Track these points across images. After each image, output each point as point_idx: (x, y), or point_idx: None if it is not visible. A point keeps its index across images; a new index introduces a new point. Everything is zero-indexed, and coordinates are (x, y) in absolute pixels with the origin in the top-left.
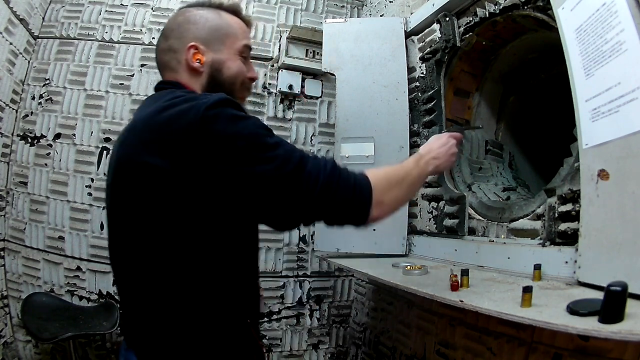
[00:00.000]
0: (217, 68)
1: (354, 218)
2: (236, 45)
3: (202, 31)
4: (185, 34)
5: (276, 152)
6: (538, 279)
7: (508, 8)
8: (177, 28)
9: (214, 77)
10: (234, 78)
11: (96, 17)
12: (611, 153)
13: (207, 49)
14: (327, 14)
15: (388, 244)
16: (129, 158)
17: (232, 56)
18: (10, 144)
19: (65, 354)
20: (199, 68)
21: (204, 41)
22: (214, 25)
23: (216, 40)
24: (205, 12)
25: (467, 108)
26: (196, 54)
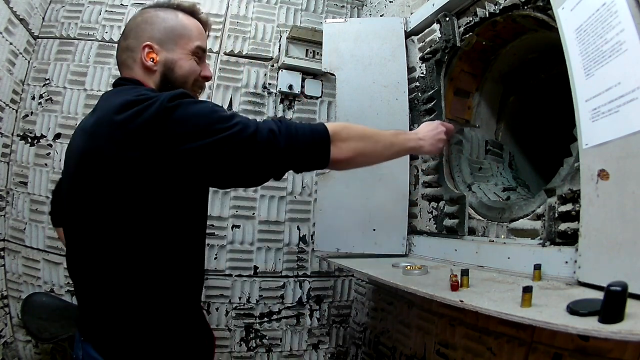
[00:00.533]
0: (169, 67)
1: (317, 159)
2: (189, 46)
3: (157, 31)
4: (142, 34)
5: (235, 120)
6: (538, 279)
7: (508, 8)
8: (135, 28)
9: (166, 75)
10: (185, 77)
11: (96, 17)
12: (611, 153)
13: (160, 48)
14: (327, 14)
15: (388, 244)
16: (97, 150)
17: (185, 56)
18: (10, 144)
19: (65, 354)
20: (152, 67)
21: (158, 41)
22: (169, 26)
23: (170, 40)
24: (163, 13)
25: (467, 108)
26: (150, 53)
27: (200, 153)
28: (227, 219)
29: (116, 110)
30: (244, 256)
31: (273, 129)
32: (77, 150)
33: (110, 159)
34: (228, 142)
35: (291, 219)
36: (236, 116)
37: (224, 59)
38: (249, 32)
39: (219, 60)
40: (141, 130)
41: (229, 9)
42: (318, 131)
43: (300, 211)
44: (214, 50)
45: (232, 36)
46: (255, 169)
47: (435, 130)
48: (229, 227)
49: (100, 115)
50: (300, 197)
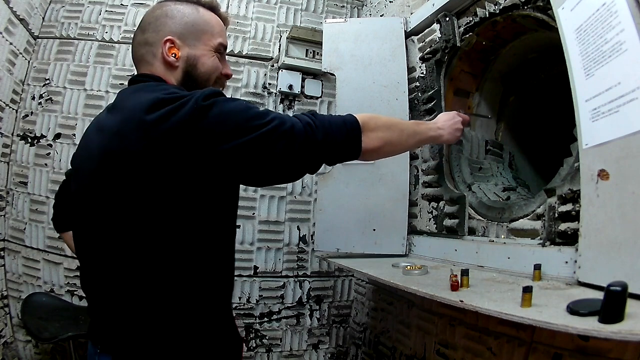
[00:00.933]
0: (192, 63)
1: (351, 150)
2: (212, 42)
3: (178, 26)
4: (162, 28)
5: (271, 115)
6: (538, 279)
7: (508, 8)
8: (155, 21)
9: (188, 72)
10: (208, 74)
11: (96, 17)
12: (611, 153)
13: (183, 43)
14: (327, 14)
15: (388, 244)
16: (125, 150)
17: (207, 52)
18: (10, 144)
19: (65, 354)
20: (174, 62)
21: (180, 36)
22: (190, 21)
23: (192, 35)
24: (183, 6)
25: (467, 108)
26: (172, 48)
27: (240, 151)
28: None
29: (146, 108)
30: (244, 256)
31: (310, 122)
32: (98, 150)
33: (142, 159)
34: (267, 138)
35: (291, 219)
36: (271, 112)
37: None
38: (249, 32)
39: None
40: (176, 130)
41: (229, 9)
42: (350, 122)
43: (300, 211)
44: None
45: (232, 36)
46: (295, 163)
47: (452, 120)
48: None
49: (128, 114)
50: (300, 197)
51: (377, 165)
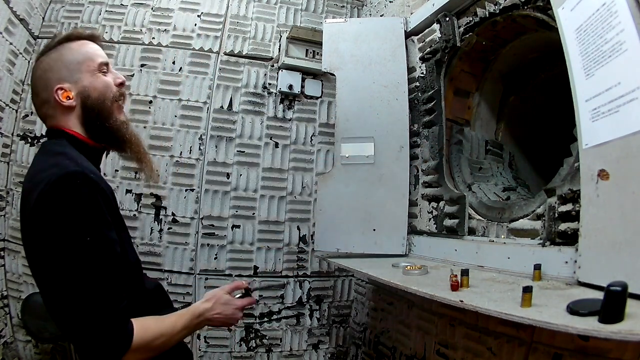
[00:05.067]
0: (85, 95)
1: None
2: (92, 66)
3: (59, 72)
4: (48, 83)
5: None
6: (538, 279)
7: (508, 8)
8: (39, 81)
9: (85, 104)
10: (102, 95)
11: (96, 17)
12: (611, 153)
13: (70, 84)
14: (327, 14)
15: (388, 244)
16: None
17: (93, 77)
18: (10, 144)
19: (65, 354)
20: (71, 104)
21: (65, 79)
22: (67, 61)
23: (75, 71)
24: (55, 53)
25: (467, 108)
26: (64, 93)
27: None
28: (227, 219)
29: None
30: (244, 256)
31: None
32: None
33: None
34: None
35: (291, 219)
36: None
37: (224, 59)
38: (249, 32)
39: (219, 60)
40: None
41: (229, 9)
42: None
43: (300, 211)
44: (214, 50)
45: (232, 36)
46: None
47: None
48: (229, 227)
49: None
50: (300, 197)
51: (377, 165)
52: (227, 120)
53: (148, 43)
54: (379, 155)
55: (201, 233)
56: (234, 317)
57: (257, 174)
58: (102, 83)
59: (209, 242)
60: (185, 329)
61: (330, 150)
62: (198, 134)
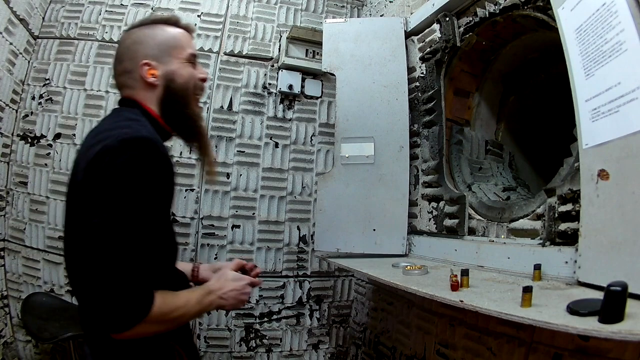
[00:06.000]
0: (170, 78)
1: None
2: (183, 55)
3: (150, 48)
4: (136, 54)
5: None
6: (538, 279)
7: (508, 8)
8: (127, 51)
9: (168, 87)
10: (186, 84)
11: (96, 17)
12: (611, 153)
13: (158, 63)
14: (327, 14)
15: (388, 244)
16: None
17: (181, 65)
18: (10, 144)
19: (65, 354)
20: (154, 82)
21: (154, 57)
22: (160, 41)
23: (165, 53)
24: (149, 30)
25: (467, 108)
26: (150, 70)
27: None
28: (227, 219)
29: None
30: (244, 256)
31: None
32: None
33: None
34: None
35: (291, 219)
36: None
37: (224, 59)
38: (249, 32)
39: (219, 60)
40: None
41: (229, 9)
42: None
43: (300, 211)
44: (214, 50)
45: (232, 36)
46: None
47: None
48: (229, 227)
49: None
50: (300, 197)
51: (377, 165)
52: (227, 120)
53: None
54: (379, 155)
55: (201, 233)
56: (245, 291)
57: (257, 174)
58: (189, 72)
59: (209, 242)
60: (198, 304)
61: (330, 150)
62: None
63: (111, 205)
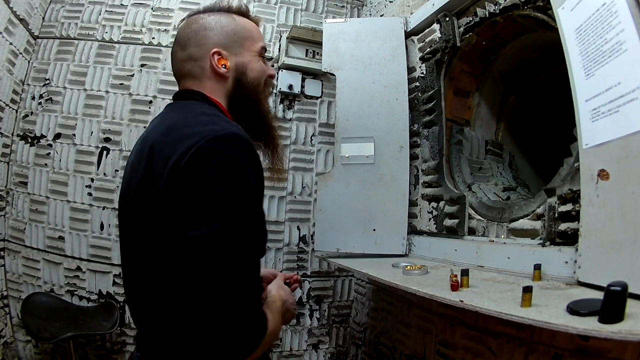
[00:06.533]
0: (242, 71)
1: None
2: (255, 47)
3: (220, 36)
4: (204, 41)
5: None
6: (538, 279)
7: (508, 8)
8: (194, 36)
9: (239, 80)
10: (258, 79)
11: (96, 17)
12: (611, 153)
13: (229, 53)
14: (327, 14)
15: (388, 244)
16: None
17: (253, 57)
18: (10, 144)
19: (65, 354)
20: (225, 73)
21: (224, 46)
22: (231, 30)
23: (236, 44)
24: (218, 17)
25: (467, 108)
26: (221, 59)
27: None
28: None
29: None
30: None
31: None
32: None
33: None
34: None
35: (291, 219)
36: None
37: None
38: None
39: None
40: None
41: None
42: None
43: (300, 211)
44: None
45: None
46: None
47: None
48: None
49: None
50: (300, 197)
51: (377, 165)
52: None
53: (148, 43)
54: (379, 155)
55: None
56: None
57: None
58: (260, 67)
59: None
60: (280, 316)
61: (330, 150)
62: None
63: (217, 213)
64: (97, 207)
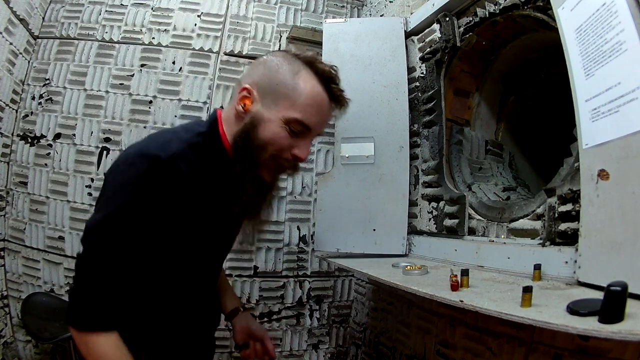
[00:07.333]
0: (255, 124)
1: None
2: (287, 113)
3: (265, 78)
4: (252, 74)
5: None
6: (538, 279)
7: (508, 8)
8: (254, 65)
9: (248, 131)
10: (264, 143)
11: (96, 17)
12: (611, 153)
13: (259, 98)
14: (327, 14)
15: (388, 244)
16: None
17: (277, 121)
18: (10, 144)
19: (65, 354)
20: (240, 113)
21: (260, 88)
22: (279, 79)
23: (271, 95)
24: (286, 61)
25: (467, 108)
26: (245, 98)
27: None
28: None
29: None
30: (244, 256)
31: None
32: None
33: None
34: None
35: (291, 219)
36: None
37: (224, 59)
38: (249, 32)
39: (219, 60)
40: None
41: (229, 9)
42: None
43: (300, 211)
44: (214, 50)
45: (232, 36)
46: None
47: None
48: None
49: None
50: (300, 197)
51: (377, 165)
52: None
53: (148, 43)
54: (379, 155)
55: None
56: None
57: None
58: (276, 134)
59: None
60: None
61: (330, 150)
62: None
63: (104, 209)
64: None
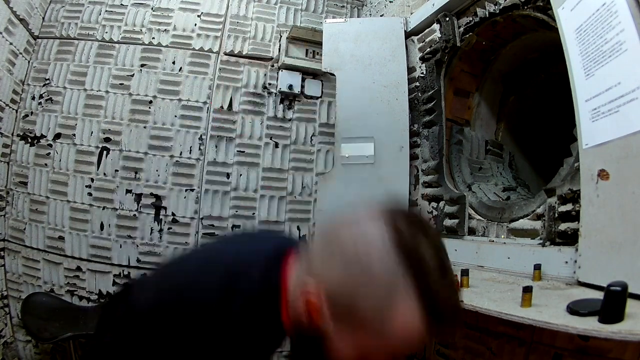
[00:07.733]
0: (321, 341)
1: None
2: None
3: (341, 289)
4: (323, 264)
5: None
6: (538, 279)
7: (508, 8)
8: (328, 249)
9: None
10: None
11: (96, 17)
12: (611, 153)
13: (331, 316)
14: (327, 14)
15: None
16: None
17: (351, 351)
18: (10, 144)
19: (65, 354)
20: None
21: (332, 305)
22: (361, 304)
23: (348, 319)
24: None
25: (467, 108)
26: (311, 303)
27: None
28: (227, 219)
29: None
30: None
31: None
32: None
33: None
34: None
35: (291, 219)
36: None
37: (224, 59)
38: (249, 32)
39: (219, 60)
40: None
41: (229, 9)
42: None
43: (300, 211)
44: (214, 50)
45: (232, 36)
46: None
47: None
48: (229, 227)
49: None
50: (300, 197)
51: (377, 165)
52: (227, 120)
53: (148, 43)
54: (379, 155)
55: (201, 233)
56: None
57: (257, 174)
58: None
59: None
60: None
61: (330, 150)
62: (198, 134)
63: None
64: (97, 207)
